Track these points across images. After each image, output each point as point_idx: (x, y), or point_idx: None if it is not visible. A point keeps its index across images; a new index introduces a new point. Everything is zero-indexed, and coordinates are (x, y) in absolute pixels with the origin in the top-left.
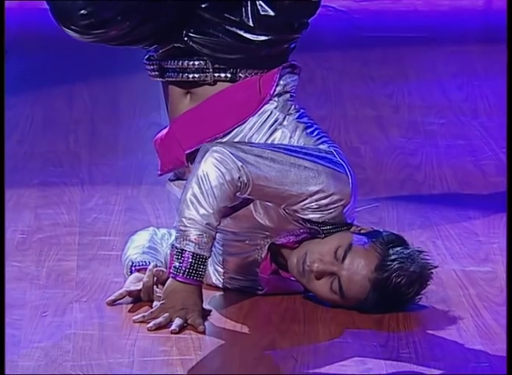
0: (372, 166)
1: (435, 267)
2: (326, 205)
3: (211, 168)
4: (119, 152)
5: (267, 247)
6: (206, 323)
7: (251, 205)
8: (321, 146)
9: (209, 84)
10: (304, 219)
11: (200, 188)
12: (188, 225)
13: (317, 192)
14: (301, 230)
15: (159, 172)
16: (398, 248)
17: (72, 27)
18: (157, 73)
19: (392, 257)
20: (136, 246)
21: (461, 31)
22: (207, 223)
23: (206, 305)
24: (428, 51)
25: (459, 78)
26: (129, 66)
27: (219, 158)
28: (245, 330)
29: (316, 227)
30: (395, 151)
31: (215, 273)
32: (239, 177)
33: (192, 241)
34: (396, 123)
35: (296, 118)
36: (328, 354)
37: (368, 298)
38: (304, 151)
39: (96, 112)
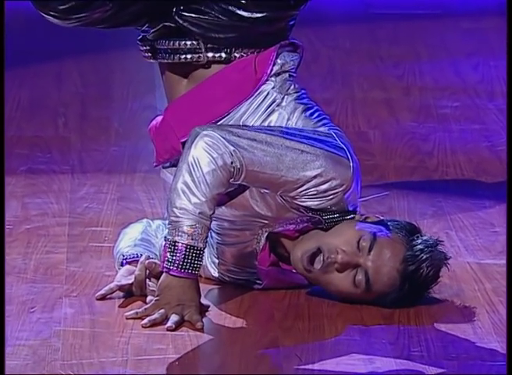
0: (381, 151)
1: (450, 257)
2: (325, 190)
3: (202, 153)
4: (112, 137)
5: (265, 236)
6: (204, 320)
7: (247, 191)
8: (320, 128)
9: (204, 67)
10: (302, 207)
11: (191, 175)
12: (180, 215)
13: (315, 177)
14: (301, 218)
15: (155, 163)
16: (423, 238)
17: (51, 13)
18: (150, 54)
19: (420, 247)
20: (129, 238)
21: (477, 7)
22: (200, 212)
23: (204, 301)
24: (442, 28)
25: (474, 58)
26: (123, 42)
27: (210, 142)
28: (246, 327)
29: (317, 216)
30: (406, 136)
31: (212, 265)
32: (231, 162)
33: (185, 232)
34: (406, 106)
35: (296, 99)
36: (335, 352)
37: (395, 291)
38: (301, 133)
39: (87, 93)
